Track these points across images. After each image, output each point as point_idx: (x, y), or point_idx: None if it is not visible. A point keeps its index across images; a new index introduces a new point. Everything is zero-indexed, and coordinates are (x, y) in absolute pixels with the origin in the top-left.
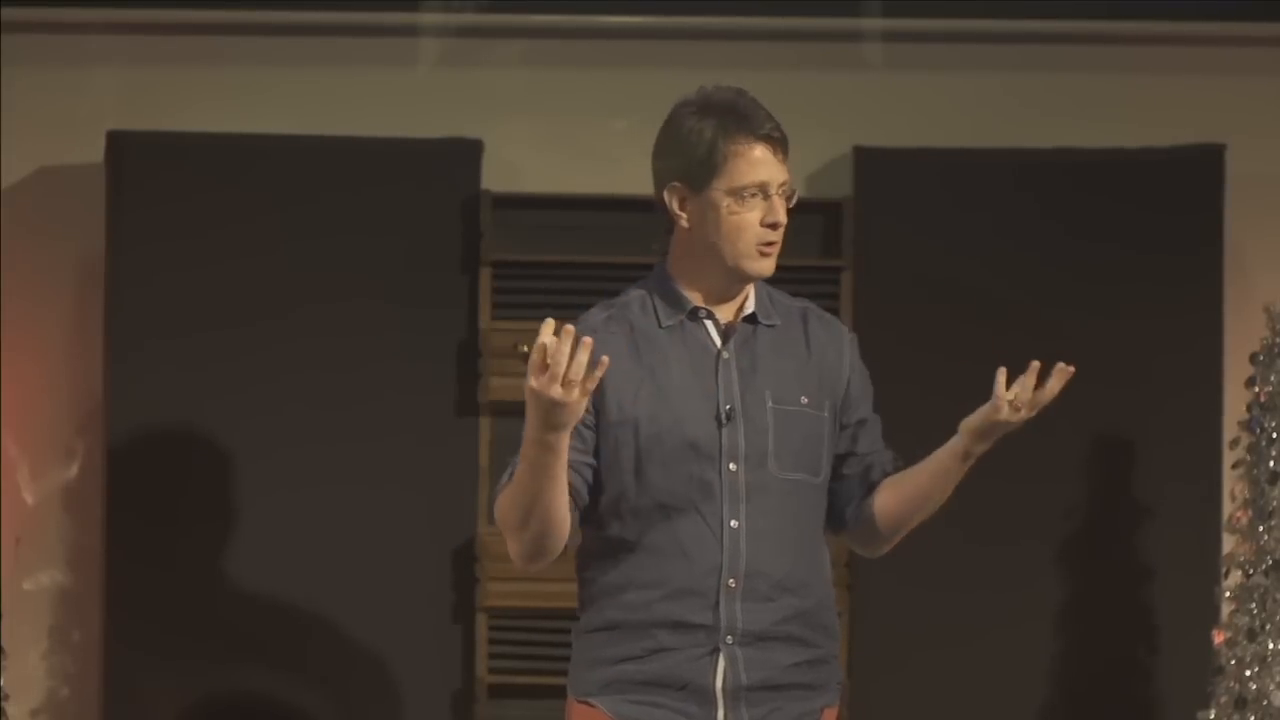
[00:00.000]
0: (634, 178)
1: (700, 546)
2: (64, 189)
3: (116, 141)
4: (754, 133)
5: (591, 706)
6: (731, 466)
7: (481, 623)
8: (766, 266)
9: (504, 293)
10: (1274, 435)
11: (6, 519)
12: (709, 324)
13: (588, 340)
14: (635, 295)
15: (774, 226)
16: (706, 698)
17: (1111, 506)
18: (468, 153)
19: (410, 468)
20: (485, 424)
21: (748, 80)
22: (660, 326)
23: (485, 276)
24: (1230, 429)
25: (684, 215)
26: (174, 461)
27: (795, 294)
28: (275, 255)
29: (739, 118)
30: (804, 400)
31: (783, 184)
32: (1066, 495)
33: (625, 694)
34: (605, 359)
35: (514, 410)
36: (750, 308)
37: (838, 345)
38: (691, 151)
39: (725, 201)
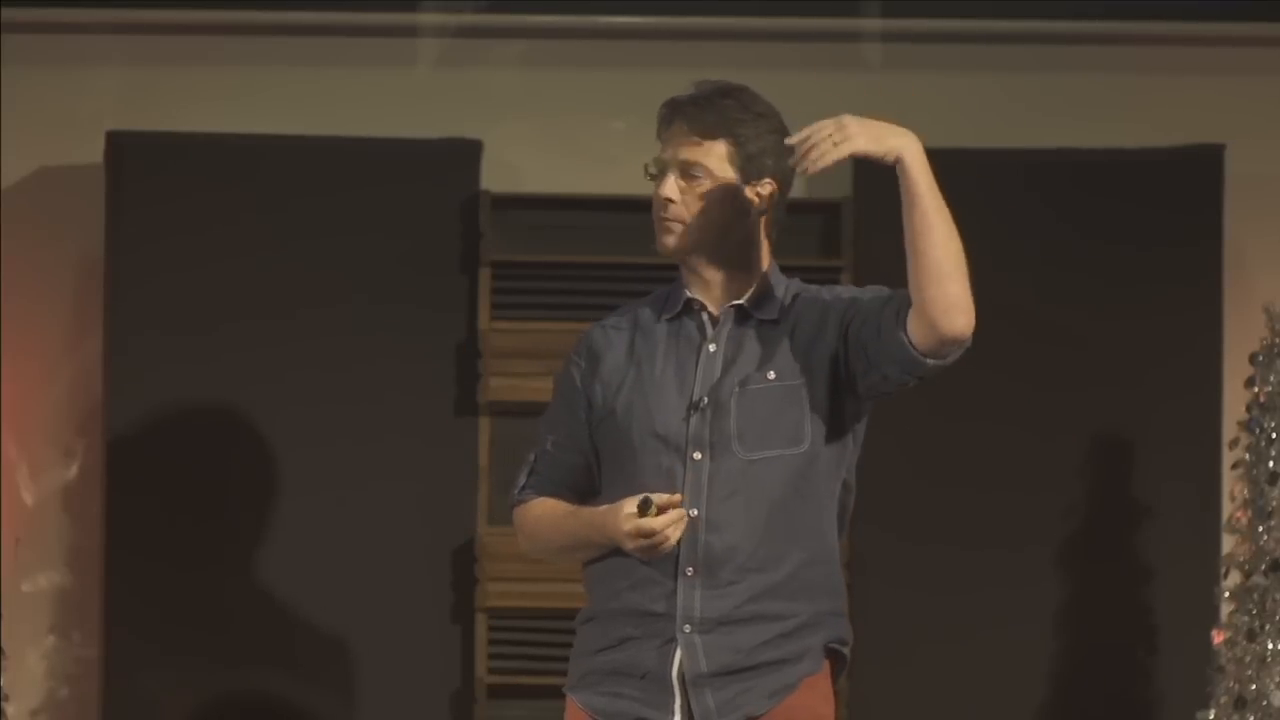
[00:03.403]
0: (634, 178)
1: None
2: (64, 189)
3: (116, 141)
4: (676, 109)
5: (572, 700)
6: (696, 455)
7: (481, 623)
8: (661, 242)
9: (503, 293)
10: (1274, 435)
11: (6, 519)
12: (704, 316)
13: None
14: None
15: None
16: (665, 686)
17: (1111, 507)
18: (467, 153)
19: (410, 468)
20: (485, 424)
21: (747, 80)
22: (659, 320)
23: (485, 277)
24: (1230, 429)
25: None
26: (174, 461)
27: None
28: (275, 255)
29: (684, 98)
30: (771, 376)
31: (683, 161)
32: (1066, 496)
33: (595, 686)
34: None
35: (513, 410)
36: (741, 300)
37: (815, 300)
38: None
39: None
